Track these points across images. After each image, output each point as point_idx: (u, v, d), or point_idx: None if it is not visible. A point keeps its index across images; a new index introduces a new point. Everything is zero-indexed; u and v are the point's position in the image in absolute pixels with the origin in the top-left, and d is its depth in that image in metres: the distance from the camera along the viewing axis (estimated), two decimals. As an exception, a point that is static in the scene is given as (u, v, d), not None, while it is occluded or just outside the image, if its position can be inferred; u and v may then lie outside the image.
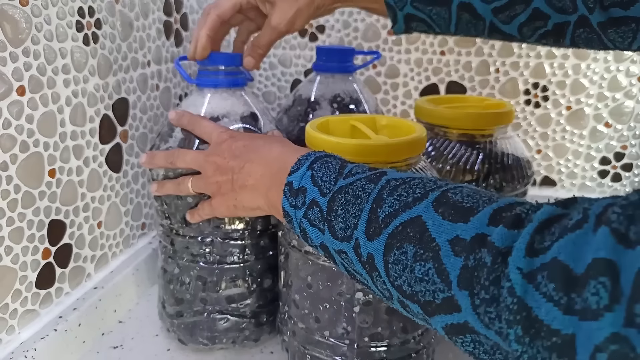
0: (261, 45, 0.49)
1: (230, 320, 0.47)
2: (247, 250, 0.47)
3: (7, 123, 0.40)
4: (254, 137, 0.41)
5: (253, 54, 0.49)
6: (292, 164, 0.35)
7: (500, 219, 0.24)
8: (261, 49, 0.49)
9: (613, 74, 0.74)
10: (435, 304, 0.25)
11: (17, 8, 0.40)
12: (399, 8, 0.47)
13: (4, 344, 0.42)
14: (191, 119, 0.44)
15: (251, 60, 0.49)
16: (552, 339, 0.20)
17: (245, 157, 0.39)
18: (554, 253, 0.20)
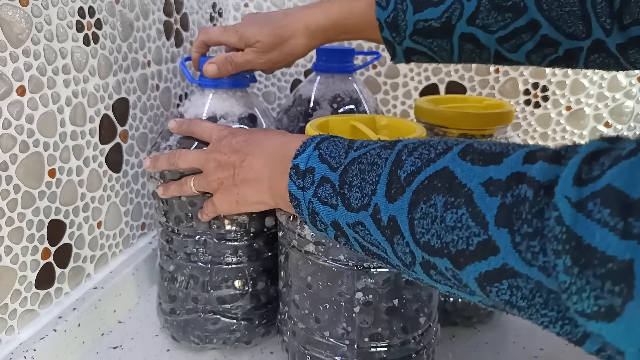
0: (235, 64, 0.46)
1: (221, 320, 0.47)
2: (240, 252, 0.47)
3: (7, 123, 0.40)
4: (254, 131, 0.41)
5: (223, 67, 0.46)
6: (296, 148, 0.35)
7: (537, 157, 0.23)
8: (233, 69, 0.46)
9: (613, 74, 0.74)
10: (468, 252, 0.25)
11: (17, 8, 0.40)
12: (397, 42, 0.45)
13: (3, 344, 0.42)
14: (190, 124, 0.44)
15: (215, 70, 0.45)
16: (606, 266, 0.19)
17: (246, 150, 0.39)
18: (606, 180, 0.20)
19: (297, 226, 0.39)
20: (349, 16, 0.45)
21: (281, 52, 0.47)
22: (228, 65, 0.46)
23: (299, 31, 0.46)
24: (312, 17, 0.46)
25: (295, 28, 0.46)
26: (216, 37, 0.49)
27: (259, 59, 0.47)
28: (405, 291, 0.39)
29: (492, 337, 0.52)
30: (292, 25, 0.46)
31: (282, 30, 0.46)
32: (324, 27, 0.47)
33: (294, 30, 0.46)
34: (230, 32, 0.47)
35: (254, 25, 0.47)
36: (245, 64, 0.47)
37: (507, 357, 0.49)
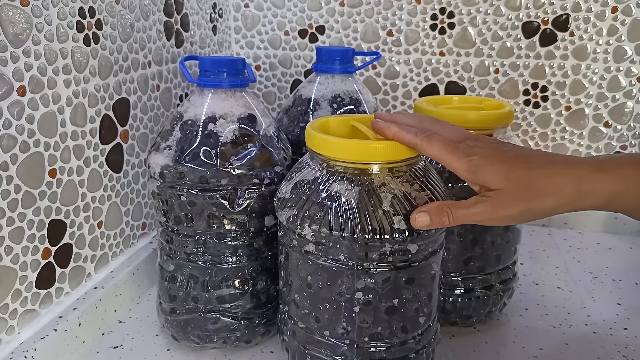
0: (455, 218, 0.37)
1: (221, 320, 0.47)
2: (239, 252, 0.47)
3: (8, 123, 0.40)
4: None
5: (437, 218, 0.37)
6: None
7: None
8: (451, 222, 0.37)
9: (613, 74, 0.74)
10: None
11: (17, 8, 0.40)
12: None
13: (3, 344, 0.42)
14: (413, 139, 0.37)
15: (426, 222, 0.37)
16: None
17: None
18: None
19: (297, 226, 0.39)
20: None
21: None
22: (445, 218, 0.37)
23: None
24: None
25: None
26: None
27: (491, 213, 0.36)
28: (405, 291, 0.40)
29: (492, 337, 0.52)
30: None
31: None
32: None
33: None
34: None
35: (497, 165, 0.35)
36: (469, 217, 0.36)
37: (506, 357, 0.50)
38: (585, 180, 0.34)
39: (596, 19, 0.72)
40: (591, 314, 0.57)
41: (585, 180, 0.34)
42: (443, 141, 0.37)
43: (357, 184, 0.38)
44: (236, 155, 0.44)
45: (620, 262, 0.69)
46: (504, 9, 0.75)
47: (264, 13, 0.82)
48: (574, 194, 0.34)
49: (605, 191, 0.34)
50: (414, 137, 0.38)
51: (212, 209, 0.45)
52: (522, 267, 0.66)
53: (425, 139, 0.37)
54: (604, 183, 0.34)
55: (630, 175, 0.34)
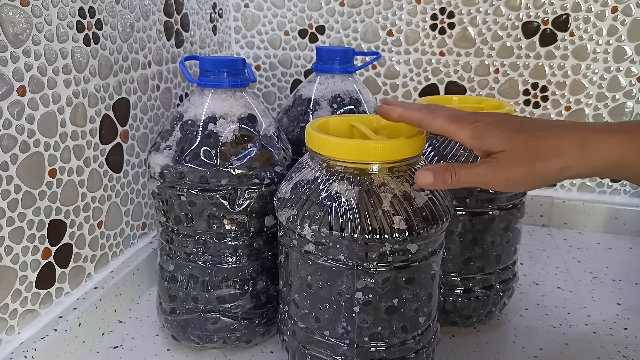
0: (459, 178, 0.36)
1: (221, 320, 0.47)
2: (239, 252, 0.47)
3: (8, 123, 0.40)
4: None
5: (440, 177, 0.36)
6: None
7: None
8: (453, 183, 0.36)
9: (613, 74, 0.74)
10: None
11: (17, 8, 0.40)
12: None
13: (3, 344, 0.42)
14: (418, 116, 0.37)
15: (429, 180, 0.36)
16: None
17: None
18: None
19: (297, 226, 0.39)
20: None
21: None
22: (448, 177, 0.36)
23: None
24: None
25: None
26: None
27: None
28: (404, 291, 0.40)
29: (492, 337, 0.52)
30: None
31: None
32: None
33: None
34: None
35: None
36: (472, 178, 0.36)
37: (506, 357, 0.50)
38: (591, 142, 0.33)
39: (596, 19, 0.72)
40: (591, 314, 0.57)
41: (591, 141, 0.33)
42: (446, 114, 0.37)
43: (357, 184, 0.38)
44: (236, 155, 0.44)
45: (620, 262, 0.69)
46: (504, 9, 0.75)
47: (264, 13, 0.82)
48: (579, 155, 0.33)
49: (612, 153, 0.32)
50: (417, 113, 0.37)
51: (212, 209, 0.45)
52: (522, 267, 0.66)
53: (428, 113, 0.37)
54: (611, 145, 0.32)
55: (637, 137, 0.32)
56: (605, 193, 0.79)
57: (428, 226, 0.38)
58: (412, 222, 0.38)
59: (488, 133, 0.34)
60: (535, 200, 0.79)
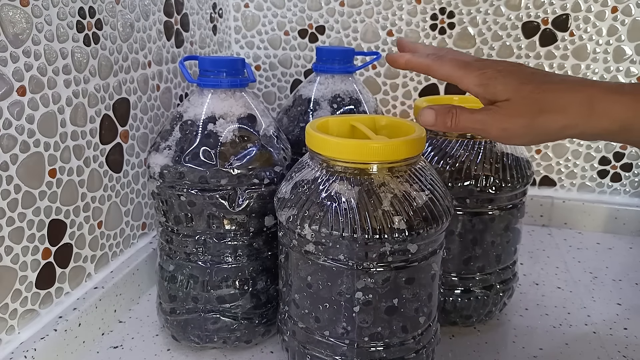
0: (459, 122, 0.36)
1: (221, 320, 0.47)
2: (239, 252, 0.47)
3: (8, 123, 0.40)
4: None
5: (441, 119, 0.35)
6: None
7: None
8: (453, 126, 0.36)
9: (613, 74, 0.74)
10: None
11: (17, 8, 0.40)
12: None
13: (3, 344, 0.42)
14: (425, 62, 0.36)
15: (431, 119, 0.36)
16: None
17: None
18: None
19: (297, 226, 0.39)
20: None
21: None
22: (449, 119, 0.35)
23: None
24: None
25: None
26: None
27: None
28: (404, 291, 0.40)
29: (492, 336, 0.52)
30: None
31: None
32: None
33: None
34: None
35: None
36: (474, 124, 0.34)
37: (506, 357, 0.50)
38: (599, 100, 0.31)
39: (596, 19, 0.72)
40: (591, 314, 0.57)
41: (600, 100, 0.31)
42: (455, 60, 0.36)
43: (357, 184, 0.38)
44: (236, 155, 0.44)
45: (620, 262, 0.69)
46: (504, 9, 0.75)
47: (264, 13, 0.82)
48: (584, 114, 0.31)
49: (620, 114, 0.30)
50: (425, 59, 0.36)
51: (212, 209, 0.45)
52: (522, 267, 0.66)
53: (436, 59, 0.36)
54: (620, 105, 0.31)
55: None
56: (605, 193, 0.79)
57: (428, 226, 0.38)
58: (412, 222, 0.38)
59: (495, 81, 0.33)
60: (535, 200, 0.79)
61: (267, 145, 0.46)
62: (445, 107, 0.35)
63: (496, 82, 0.33)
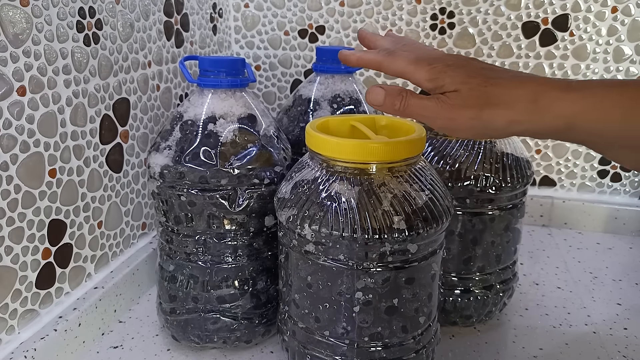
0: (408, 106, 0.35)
1: (221, 320, 0.47)
2: (239, 252, 0.47)
3: (8, 123, 0.40)
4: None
5: (390, 100, 0.35)
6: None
7: None
8: (401, 109, 0.36)
9: (613, 74, 0.74)
10: None
11: (17, 8, 0.40)
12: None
13: (3, 344, 0.42)
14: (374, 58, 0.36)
15: (379, 98, 0.36)
16: None
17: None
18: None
19: (297, 226, 0.39)
20: (611, 104, 0.30)
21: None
22: (398, 102, 0.35)
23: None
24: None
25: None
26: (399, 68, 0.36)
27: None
28: (404, 291, 0.40)
29: (492, 337, 0.52)
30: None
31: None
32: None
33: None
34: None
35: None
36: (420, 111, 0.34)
37: (506, 357, 0.50)
38: (544, 96, 0.31)
39: (596, 19, 0.72)
40: (591, 314, 0.57)
41: (545, 96, 0.31)
42: (406, 55, 0.36)
43: (357, 184, 0.38)
44: (236, 155, 0.44)
45: (620, 262, 0.69)
46: (504, 9, 0.75)
47: (264, 13, 0.82)
48: (530, 109, 0.31)
49: (565, 110, 0.30)
50: (376, 56, 0.36)
51: (212, 209, 0.45)
52: (522, 267, 0.66)
53: (387, 55, 0.36)
54: (565, 102, 0.30)
55: (595, 93, 0.30)
56: (605, 193, 0.79)
57: (428, 226, 0.38)
58: (412, 222, 0.38)
59: (443, 74, 0.33)
60: (535, 200, 0.79)
61: (267, 145, 0.46)
62: (396, 89, 0.35)
63: (445, 76, 0.33)
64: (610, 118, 0.29)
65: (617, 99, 0.29)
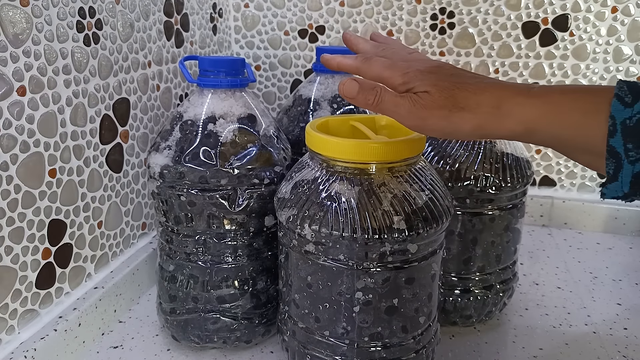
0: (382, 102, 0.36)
1: (221, 320, 0.47)
2: (239, 252, 0.47)
3: (8, 123, 0.40)
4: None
5: (363, 94, 0.36)
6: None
7: None
8: (374, 104, 0.36)
9: (613, 74, 0.74)
10: None
11: (17, 8, 0.40)
12: (630, 159, 0.29)
13: (3, 344, 0.42)
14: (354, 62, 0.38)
15: (353, 90, 0.36)
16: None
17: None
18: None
19: (297, 226, 0.39)
20: (567, 111, 0.31)
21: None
22: (372, 97, 0.36)
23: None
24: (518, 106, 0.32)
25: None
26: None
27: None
28: (405, 291, 0.40)
29: (492, 336, 0.52)
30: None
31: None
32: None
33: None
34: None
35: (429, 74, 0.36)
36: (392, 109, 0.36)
37: (506, 357, 0.50)
38: (506, 101, 0.32)
39: (596, 19, 0.72)
40: (591, 314, 0.57)
41: (507, 101, 0.32)
42: (383, 62, 0.37)
43: (357, 184, 0.38)
44: (236, 155, 0.44)
45: (620, 262, 0.69)
46: (504, 9, 0.75)
47: (264, 13, 0.82)
48: (493, 114, 0.32)
49: (526, 116, 0.32)
50: (354, 61, 0.38)
51: (212, 209, 0.45)
52: (522, 267, 0.66)
53: (364, 61, 0.38)
54: (526, 107, 0.32)
55: (553, 99, 0.31)
56: (605, 193, 0.79)
57: (428, 226, 0.38)
58: (412, 222, 0.38)
59: (415, 78, 0.35)
60: (535, 200, 0.79)
61: (267, 145, 0.46)
62: (371, 84, 0.36)
63: (416, 79, 0.35)
64: (566, 123, 0.31)
65: (573, 105, 0.31)
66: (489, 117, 0.32)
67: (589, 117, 0.30)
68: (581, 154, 0.32)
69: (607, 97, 0.29)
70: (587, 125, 0.30)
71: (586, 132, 0.30)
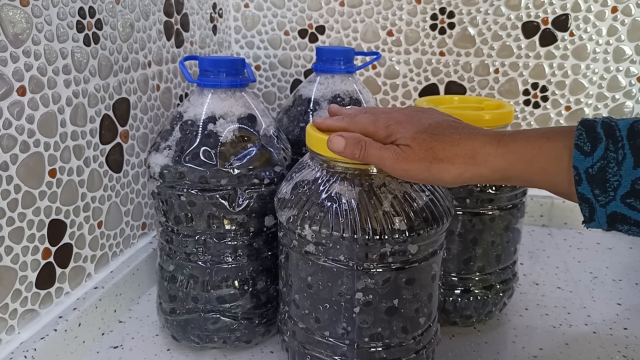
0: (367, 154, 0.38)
1: (221, 320, 0.47)
2: (239, 252, 0.47)
3: (8, 123, 0.40)
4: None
5: (350, 148, 0.38)
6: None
7: None
8: (361, 157, 0.38)
9: (613, 74, 0.74)
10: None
11: (17, 8, 0.40)
12: (600, 203, 0.32)
13: (4, 344, 0.42)
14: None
15: (340, 147, 0.38)
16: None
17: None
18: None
19: (297, 226, 0.39)
20: (532, 158, 0.33)
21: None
22: (357, 150, 0.37)
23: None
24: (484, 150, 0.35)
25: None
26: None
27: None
28: (405, 291, 0.40)
29: (492, 337, 0.52)
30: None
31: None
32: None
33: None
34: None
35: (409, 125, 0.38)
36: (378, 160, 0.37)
37: (506, 357, 0.50)
38: (479, 152, 0.34)
39: (596, 19, 0.72)
40: (591, 314, 0.57)
41: (479, 151, 0.34)
42: (367, 117, 0.39)
43: (358, 185, 0.38)
44: (236, 155, 0.44)
45: (620, 262, 0.69)
46: (504, 9, 0.75)
47: (264, 13, 0.82)
48: (469, 163, 0.35)
49: (497, 164, 0.34)
50: (342, 123, 0.41)
51: (212, 209, 0.45)
52: (522, 267, 0.66)
53: (350, 121, 0.40)
54: (496, 157, 0.34)
55: (518, 149, 0.34)
56: (605, 193, 0.79)
57: (428, 227, 0.38)
58: (412, 222, 0.38)
59: (396, 132, 0.37)
60: (535, 200, 0.79)
61: (267, 145, 0.46)
62: (356, 138, 0.38)
63: (397, 133, 0.37)
64: (533, 170, 0.33)
65: (536, 152, 0.33)
66: (467, 167, 0.35)
67: (553, 164, 0.32)
68: (559, 194, 0.34)
69: (565, 143, 0.32)
70: (552, 172, 0.33)
71: (553, 179, 0.33)
